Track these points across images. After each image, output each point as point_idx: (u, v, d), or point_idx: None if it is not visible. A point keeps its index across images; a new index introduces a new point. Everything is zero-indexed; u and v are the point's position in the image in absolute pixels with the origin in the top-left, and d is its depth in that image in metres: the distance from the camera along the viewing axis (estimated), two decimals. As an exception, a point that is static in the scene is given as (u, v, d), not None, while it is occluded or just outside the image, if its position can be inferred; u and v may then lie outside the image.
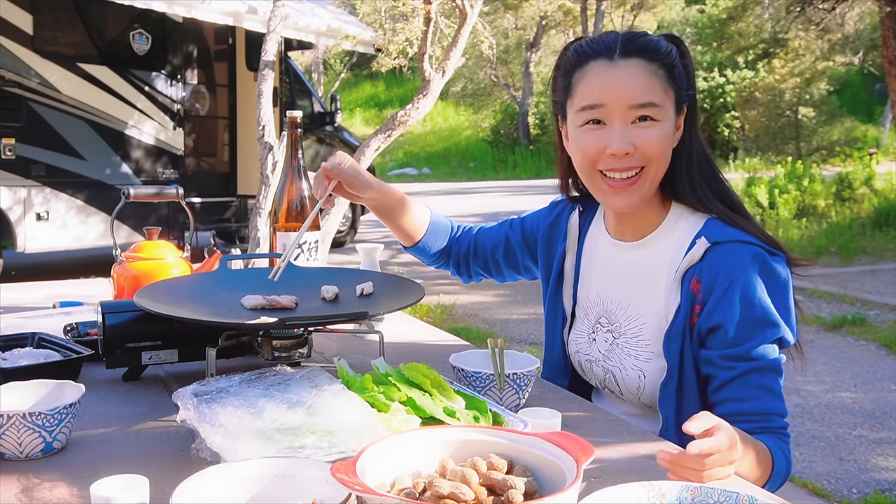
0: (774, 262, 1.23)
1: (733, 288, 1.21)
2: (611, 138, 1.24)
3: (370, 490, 0.72)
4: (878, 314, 5.97)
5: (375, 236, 10.66)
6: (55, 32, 6.92)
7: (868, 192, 10.18)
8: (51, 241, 6.88)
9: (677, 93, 1.27)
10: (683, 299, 1.26)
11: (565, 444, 0.82)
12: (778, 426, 1.22)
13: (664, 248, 1.32)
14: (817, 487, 3.14)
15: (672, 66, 1.26)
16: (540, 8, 15.75)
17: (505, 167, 21.00)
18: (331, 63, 26.19)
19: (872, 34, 14.71)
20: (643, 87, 1.23)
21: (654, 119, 1.24)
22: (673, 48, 1.28)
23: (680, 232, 1.31)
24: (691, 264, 1.25)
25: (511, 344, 5.10)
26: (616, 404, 1.42)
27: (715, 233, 1.25)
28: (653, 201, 1.33)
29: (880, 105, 19.85)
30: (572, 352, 1.45)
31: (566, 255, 1.47)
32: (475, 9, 5.83)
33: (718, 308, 1.22)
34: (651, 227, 1.34)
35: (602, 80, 1.25)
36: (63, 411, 1.02)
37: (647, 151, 1.24)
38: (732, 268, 1.22)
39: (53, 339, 1.39)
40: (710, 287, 1.23)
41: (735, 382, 1.22)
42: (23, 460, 1.02)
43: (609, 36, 1.29)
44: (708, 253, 1.24)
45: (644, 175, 1.26)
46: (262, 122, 5.09)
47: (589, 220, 1.47)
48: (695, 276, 1.25)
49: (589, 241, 1.45)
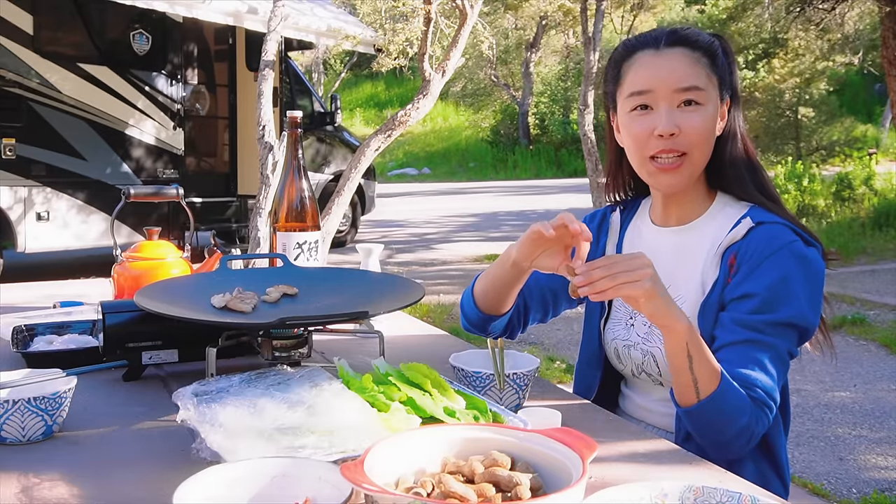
0: (810, 251, 1.27)
1: (767, 262, 1.25)
2: (657, 121, 1.29)
3: (383, 490, 0.72)
4: (878, 314, 5.97)
5: (375, 236, 10.67)
6: (55, 32, 6.92)
7: (868, 192, 10.19)
8: (51, 240, 6.88)
9: (720, 81, 1.33)
10: (721, 274, 1.29)
11: (568, 440, 0.82)
12: (757, 396, 1.19)
13: (708, 230, 1.36)
14: (817, 487, 3.14)
15: (714, 55, 1.32)
16: (540, 8, 15.73)
17: (505, 167, 21.02)
18: (331, 63, 26.20)
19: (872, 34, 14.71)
20: (687, 71, 1.30)
21: (698, 103, 1.29)
22: (715, 41, 1.35)
23: (724, 215, 1.36)
24: (733, 241, 1.29)
25: (511, 344, 5.09)
26: (651, 391, 1.42)
27: (759, 215, 1.31)
28: (698, 189, 1.38)
29: (880, 105, 19.86)
30: (608, 340, 1.45)
31: (608, 246, 1.50)
32: (475, 9, 5.83)
33: (749, 279, 1.25)
34: (696, 213, 1.39)
35: (648, 67, 1.32)
36: (63, 395, 1.08)
37: (691, 134, 1.29)
38: (770, 244, 1.26)
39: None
40: (747, 260, 1.27)
41: (735, 347, 1.22)
42: (24, 445, 1.05)
43: (655, 31, 1.37)
44: (751, 232, 1.29)
45: (687, 160, 1.31)
46: (262, 122, 5.09)
47: (631, 215, 1.51)
48: (734, 251, 1.29)
49: (631, 231, 1.49)
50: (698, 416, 1.18)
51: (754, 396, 1.20)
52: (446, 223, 12.24)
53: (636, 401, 1.45)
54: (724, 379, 1.17)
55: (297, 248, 1.59)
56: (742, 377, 1.20)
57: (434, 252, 9.47)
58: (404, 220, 12.41)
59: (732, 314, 1.25)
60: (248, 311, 1.31)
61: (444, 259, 8.97)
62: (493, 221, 12.07)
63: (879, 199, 9.91)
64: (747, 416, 1.18)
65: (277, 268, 1.51)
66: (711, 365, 1.16)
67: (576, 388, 1.55)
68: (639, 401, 1.45)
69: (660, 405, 1.39)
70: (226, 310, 1.31)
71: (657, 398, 1.40)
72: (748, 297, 1.24)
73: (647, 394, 1.43)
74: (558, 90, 21.92)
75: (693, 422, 1.20)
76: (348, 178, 5.81)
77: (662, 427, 1.39)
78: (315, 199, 1.65)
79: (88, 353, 1.39)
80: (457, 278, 7.79)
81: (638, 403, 1.45)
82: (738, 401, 1.17)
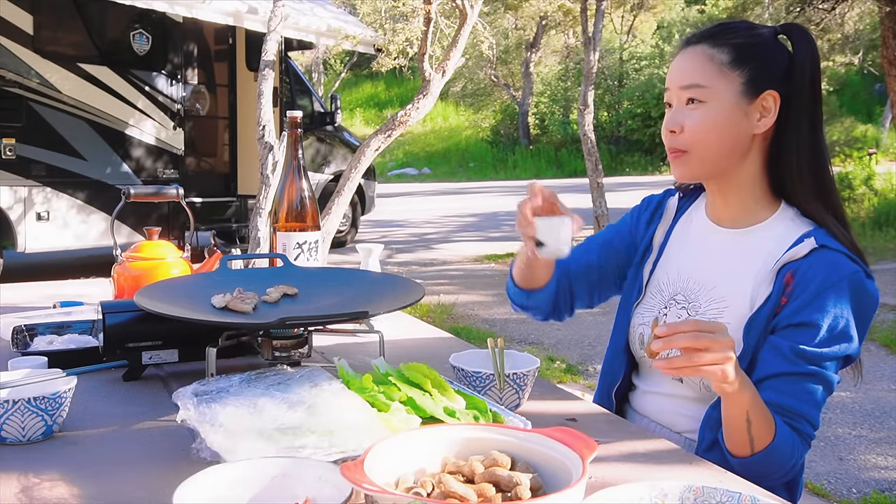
0: (870, 284, 1.26)
1: (830, 293, 1.22)
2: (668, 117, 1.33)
3: (383, 490, 0.72)
4: (878, 314, 5.95)
5: (375, 236, 10.67)
6: (55, 32, 6.92)
7: (868, 192, 10.19)
8: (51, 240, 6.88)
9: (751, 75, 1.28)
10: (775, 291, 1.27)
11: (567, 440, 0.82)
12: (803, 430, 1.21)
13: (766, 240, 1.33)
14: (817, 487, 3.14)
15: (745, 48, 1.29)
16: (540, 8, 15.74)
17: (505, 167, 21.01)
18: (331, 63, 26.19)
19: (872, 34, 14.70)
20: (692, 69, 1.30)
21: (700, 100, 1.29)
22: (762, 34, 1.31)
23: (786, 229, 1.32)
24: (793, 259, 1.26)
25: (511, 344, 5.10)
26: (663, 381, 1.39)
27: (823, 238, 1.27)
28: (753, 193, 1.34)
29: (880, 105, 19.86)
30: (636, 324, 1.43)
31: (657, 230, 1.49)
32: (475, 9, 5.83)
33: (811, 307, 1.22)
34: (753, 219, 1.35)
35: (672, 66, 1.36)
36: (63, 395, 1.08)
37: (688, 132, 1.30)
38: (833, 273, 1.23)
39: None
40: (806, 284, 1.23)
41: (791, 378, 1.21)
42: (24, 444, 1.05)
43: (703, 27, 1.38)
44: (813, 253, 1.25)
45: (689, 156, 1.31)
46: (262, 122, 5.10)
47: (688, 204, 1.49)
48: (791, 270, 1.26)
49: (684, 220, 1.47)
50: (752, 466, 1.18)
51: (801, 430, 1.20)
52: (446, 223, 12.24)
53: (645, 390, 1.43)
54: (778, 431, 1.16)
55: (297, 248, 1.59)
56: (794, 410, 1.20)
57: (434, 252, 9.46)
58: (404, 220, 12.41)
59: (792, 343, 1.22)
60: (248, 311, 1.31)
61: (444, 259, 8.97)
62: (493, 221, 12.07)
63: (879, 199, 9.92)
64: (796, 456, 1.20)
65: (277, 268, 1.51)
66: (768, 422, 1.16)
67: (601, 379, 1.52)
68: (647, 390, 1.42)
69: (669, 402, 1.37)
70: (226, 310, 1.31)
71: (669, 392, 1.38)
72: (809, 328, 1.21)
73: (659, 385, 1.41)
74: (558, 90, 21.93)
75: (745, 469, 1.18)
76: (348, 178, 5.81)
77: (668, 426, 1.37)
78: (315, 199, 1.65)
79: (88, 353, 1.39)
80: (457, 278, 7.79)
81: (646, 393, 1.43)
82: (789, 447, 1.18)
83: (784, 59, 1.30)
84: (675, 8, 22.17)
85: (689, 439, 1.33)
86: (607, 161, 16.77)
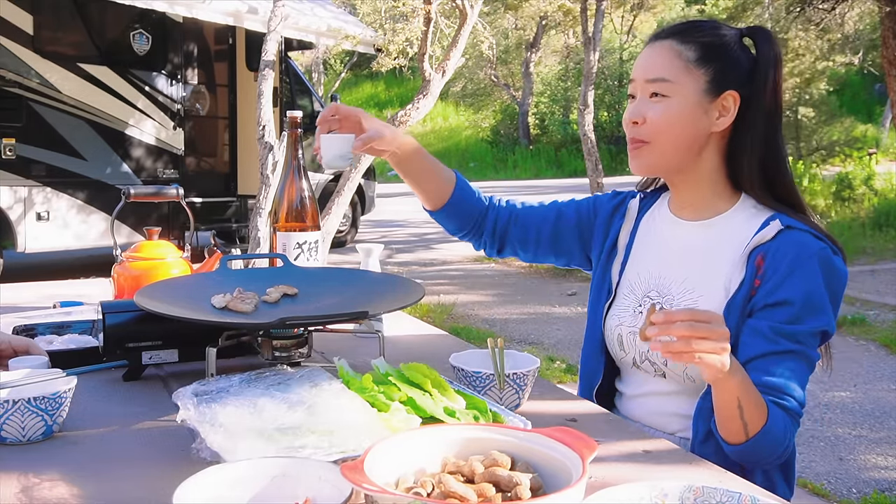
0: (837, 259, 1.28)
1: (801, 270, 1.24)
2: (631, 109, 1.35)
3: (383, 490, 0.72)
4: (878, 314, 5.97)
5: (375, 236, 10.67)
6: (55, 32, 6.92)
7: (868, 192, 10.19)
8: (51, 240, 6.88)
9: (718, 75, 1.31)
10: (748, 274, 1.29)
11: (568, 440, 0.82)
12: (791, 407, 1.22)
13: (731, 229, 1.35)
14: (817, 487, 3.14)
15: (711, 47, 1.32)
16: (540, 8, 15.73)
17: (505, 167, 21.00)
18: (331, 63, 26.19)
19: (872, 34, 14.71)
20: (660, 63, 1.32)
21: (664, 95, 1.31)
22: (730, 35, 1.34)
23: (748, 216, 1.35)
24: (761, 242, 1.29)
25: (511, 344, 5.10)
26: (646, 384, 1.40)
27: (788, 220, 1.30)
28: (714, 185, 1.37)
29: (880, 105, 19.85)
30: (611, 326, 1.44)
31: (621, 231, 1.51)
32: (475, 9, 5.83)
33: (784, 285, 1.24)
34: (715, 210, 1.38)
35: (639, 58, 1.38)
36: (63, 395, 1.08)
37: (650, 124, 1.32)
38: (803, 251, 1.26)
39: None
40: (777, 265, 1.26)
41: (774, 357, 1.22)
42: (24, 444, 1.05)
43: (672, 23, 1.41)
44: (780, 234, 1.28)
45: (649, 148, 1.34)
46: (262, 122, 5.10)
47: (650, 204, 1.52)
48: (761, 253, 1.28)
49: (647, 219, 1.49)
50: (747, 452, 1.19)
51: (789, 407, 1.21)
52: (446, 223, 12.21)
53: (630, 395, 1.43)
54: (770, 413, 1.17)
55: (297, 248, 1.59)
56: (778, 387, 1.21)
57: (434, 252, 9.47)
58: (404, 220, 12.41)
59: (770, 323, 1.24)
60: (248, 311, 1.31)
61: (443, 259, 8.97)
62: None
63: (879, 199, 9.92)
64: (789, 436, 1.20)
65: (277, 268, 1.51)
66: (759, 406, 1.17)
67: (581, 379, 1.53)
68: (632, 394, 1.43)
69: (655, 403, 1.37)
70: (226, 310, 1.31)
71: (653, 391, 1.39)
72: (784, 305, 1.24)
73: (642, 386, 1.41)
74: (558, 90, 21.92)
75: (742, 455, 1.20)
76: (348, 178, 5.81)
77: (659, 428, 1.37)
78: (315, 199, 1.65)
79: (88, 353, 1.39)
80: (457, 278, 7.80)
81: (631, 398, 1.43)
82: (782, 428, 1.19)
83: (747, 62, 1.34)
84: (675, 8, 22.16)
85: (683, 438, 1.34)
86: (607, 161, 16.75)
